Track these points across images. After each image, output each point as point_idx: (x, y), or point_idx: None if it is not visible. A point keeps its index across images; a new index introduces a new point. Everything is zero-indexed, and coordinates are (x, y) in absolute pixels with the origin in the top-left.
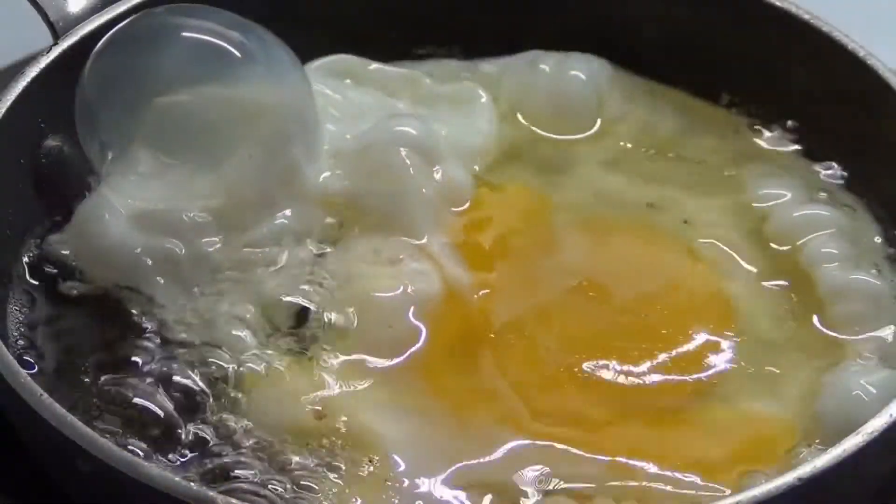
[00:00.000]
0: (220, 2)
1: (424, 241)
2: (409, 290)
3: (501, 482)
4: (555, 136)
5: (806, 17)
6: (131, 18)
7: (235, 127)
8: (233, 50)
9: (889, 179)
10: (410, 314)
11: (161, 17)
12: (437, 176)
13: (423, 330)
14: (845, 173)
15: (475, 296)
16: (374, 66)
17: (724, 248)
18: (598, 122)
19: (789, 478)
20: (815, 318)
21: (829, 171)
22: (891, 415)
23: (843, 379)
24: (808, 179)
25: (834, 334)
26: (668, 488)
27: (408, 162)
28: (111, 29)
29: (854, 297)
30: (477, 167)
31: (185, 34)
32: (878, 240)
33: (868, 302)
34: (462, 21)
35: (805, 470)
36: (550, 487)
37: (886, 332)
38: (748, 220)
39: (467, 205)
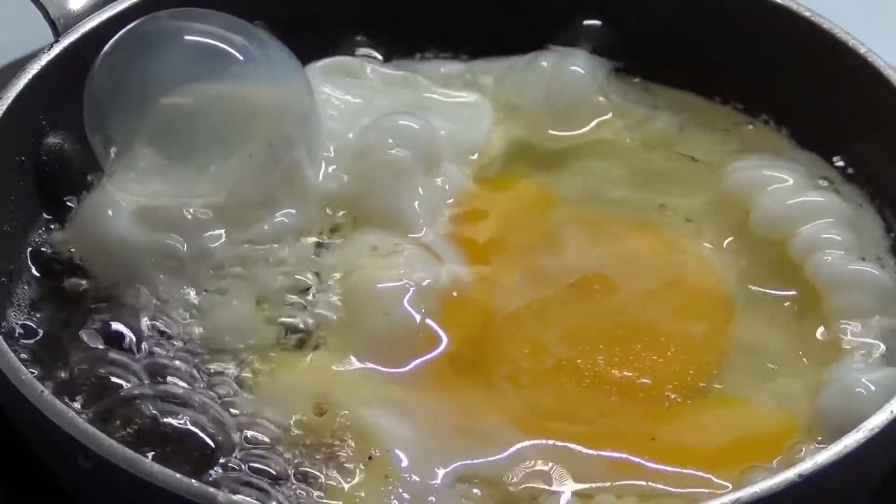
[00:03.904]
0: (223, 5)
1: (423, 235)
2: (407, 282)
3: (502, 478)
4: (553, 132)
5: (806, 13)
6: (137, 22)
7: (237, 127)
8: (234, 52)
9: (890, 175)
10: (409, 305)
11: (165, 21)
12: (436, 171)
13: (423, 324)
14: (845, 170)
15: (474, 289)
16: (375, 67)
17: (724, 242)
18: (596, 117)
19: (790, 474)
20: (817, 313)
21: (829, 168)
22: (892, 411)
23: (845, 375)
24: (806, 175)
25: (836, 329)
26: (669, 484)
27: (407, 158)
28: (112, 26)
29: (857, 288)
30: (476, 163)
31: (188, 37)
32: (879, 234)
33: (871, 295)
34: (462, 23)
35: (806, 466)
36: (551, 484)
37: (889, 328)
38: (747, 215)
39: (466, 200)
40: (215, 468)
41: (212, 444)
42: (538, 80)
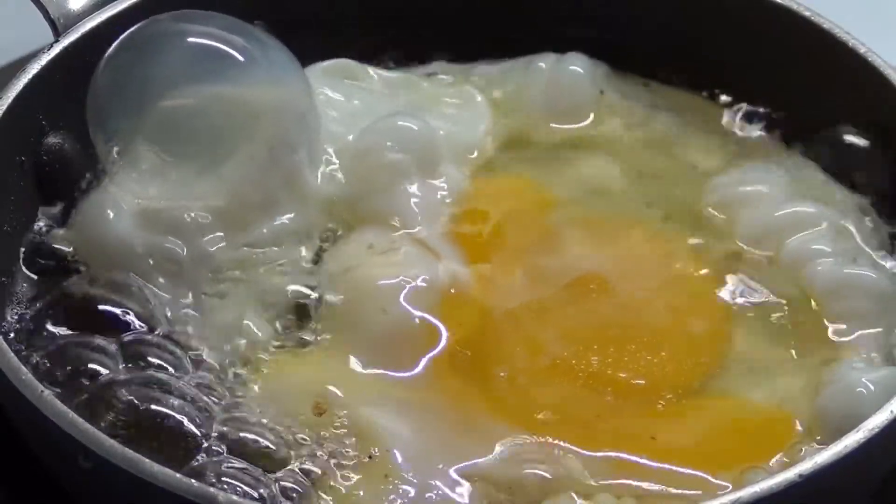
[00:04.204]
0: (223, 6)
1: (421, 233)
2: (405, 279)
3: (501, 477)
4: (552, 131)
5: (806, 13)
6: (139, 25)
7: (237, 128)
8: (235, 54)
9: (890, 176)
10: (407, 303)
11: (166, 24)
12: (435, 172)
13: (421, 322)
14: (844, 170)
15: (472, 288)
16: (374, 68)
17: (722, 243)
18: (594, 117)
19: (790, 474)
20: (815, 314)
21: (828, 168)
22: (892, 411)
23: (845, 375)
24: (806, 175)
25: (835, 330)
26: (668, 484)
27: (406, 159)
28: (112, 26)
29: (852, 291)
30: (474, 163)
31: (189, 39)
32: (873, 236)
33: (867, 296)
34: (462, 23)
35: (806, 466)
36: (550, 483)
37: (889, 329)
38: (746, 215)
39: (464, 200)
40: (200, 455)
41: (198, 433)
42: (537, 82)
